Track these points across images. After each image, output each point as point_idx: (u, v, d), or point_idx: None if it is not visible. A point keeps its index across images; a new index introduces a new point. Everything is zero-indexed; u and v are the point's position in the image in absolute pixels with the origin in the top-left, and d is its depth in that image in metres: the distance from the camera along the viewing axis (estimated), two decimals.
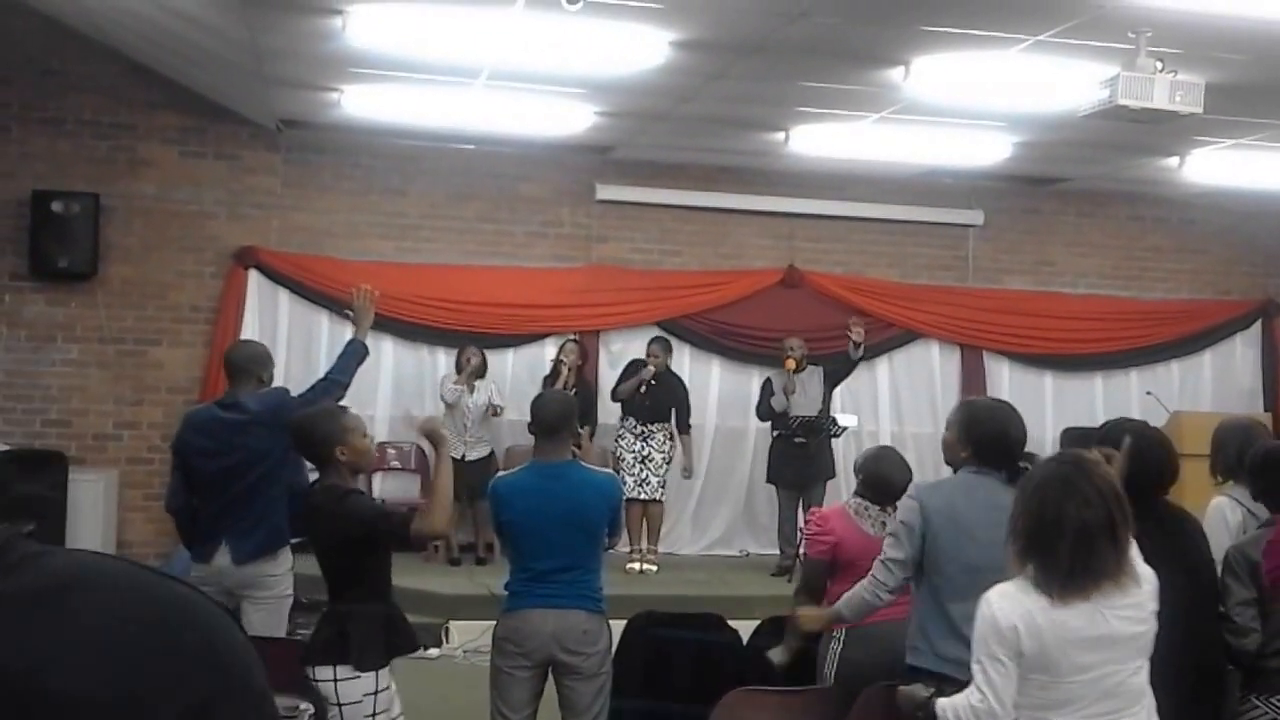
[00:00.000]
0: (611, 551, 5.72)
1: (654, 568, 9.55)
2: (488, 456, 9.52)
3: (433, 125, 9.44)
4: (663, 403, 9.64)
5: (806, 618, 4.52)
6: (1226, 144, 9.12)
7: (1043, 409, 11.23)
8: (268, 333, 9.75)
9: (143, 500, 9.56)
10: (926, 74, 7.41)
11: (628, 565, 9.35)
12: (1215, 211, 11.49)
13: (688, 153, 10.33)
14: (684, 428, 9.80)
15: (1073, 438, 10.26)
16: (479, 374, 9.59)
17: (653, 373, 9.53)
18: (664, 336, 10.19)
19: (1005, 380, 11.36)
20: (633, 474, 9.40)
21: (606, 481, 4.96)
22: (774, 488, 9.76)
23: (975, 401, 4.40)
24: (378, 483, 9.84)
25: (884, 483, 4.90)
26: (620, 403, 9.67)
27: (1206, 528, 4.58)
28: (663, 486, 9.67)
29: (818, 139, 9.35)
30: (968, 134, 9.09)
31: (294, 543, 5.77)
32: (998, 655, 3.07)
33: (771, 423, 9.72)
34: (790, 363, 9.53)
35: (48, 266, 9.48)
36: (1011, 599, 3.09)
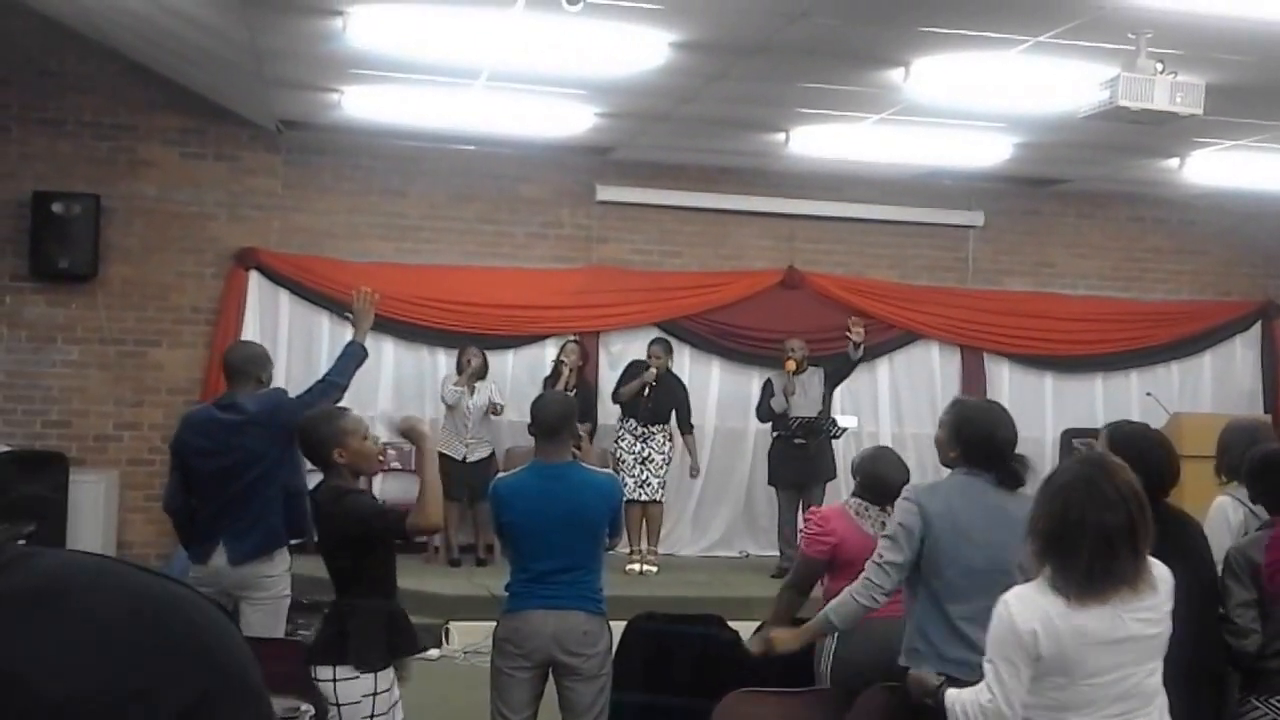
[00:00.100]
0: (611, 552, 5.72)
1: (654, 569, 9.55)
2: (488, 457, 9.51)
3: (433, 126, 9.44)
4: (664, 405, 9.64)
5: (780, 640, 4.37)
6: (1226, 145, 9.12)
7: (1043, 410, 11.26)
8: (268, 334, 9.76)
9: (143, 501, 9.56)
10: (927, 75, 7.41)
11: (628, 566, 9.35)
12: (1215, 213, 11.49)
13: (688, 154, 10.33)
14: (686, 428, 9.81)
15: (1073, 439, 10.29)
16: (479, 375, 9.58)
17: (655, 374, 9.54)
18: (664, 338, 10.20)
19: (1005, 381, 11.36)
20: (633, 475, 9.40)
21: (607, 482, 4.96)
22: (774, 489, 9.76)
23: (965, 401, 4.39)
24: (378, 484, 9.82)
25: (882, 483, 4.90)
26: (621, 404, 9.68)
27: (1208, 527, 4.58)
28: (663, 488, 9.67)
29: (818, 140, 9.35)
30: (968, 135, 9.08)
31: (294, 544, 5.79)
32: (1011, 658, 3.07)
33: (771, 424, 9.72)
34: (790, 364, 9.52)
35: (48, 267, 9.48)
36: (1030, 602, 3.08)
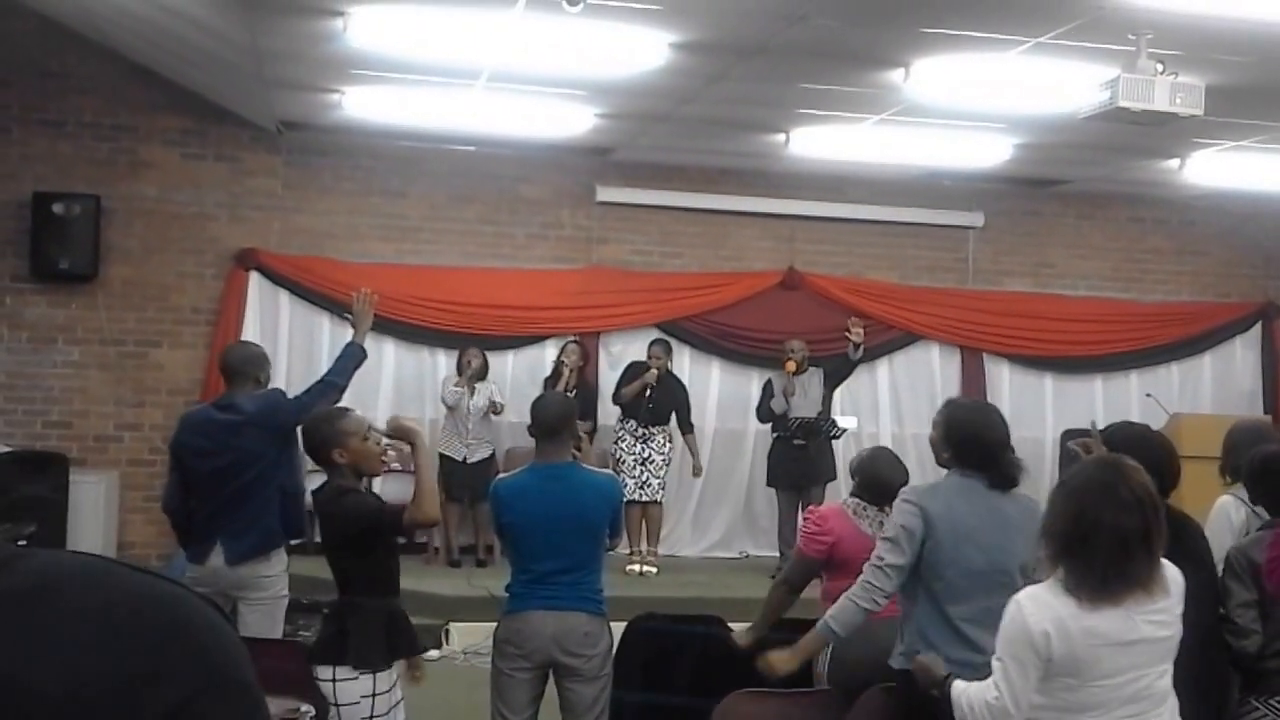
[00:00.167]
0: (611, 553, 5.72)
1: (654, 569, 9.54)
2: (489, 458, 9.51)
3: (433, 127, 9.44)
4: (664, 406, 9.64)
5: (778, 661, 4.20)
6: (1227, 146, 9.12)
7: (1042, 411, 11.27)
8: (269, 334, 9.76)
9: (144, 502, 9.55)
10: (927, 76, 7.41)
11: (627, 567, 9.35)
12: (1215, 214, 11.49)
13: (688, 154, 10.33)
14: (687, 427, 9.81)
15: (1072, 439, 10.27)
16: (480, 376, 9.57)
17: (656, 375, 9.54)
18: (664, 339, 10.20)
19: (1005, 382, 11.36)
20: (633, 476, 9.40)
21: (607, 483, 4.96)
22: (774, 490, 9.75)
23: (957, 402, 4.39)
24: (377, 485, 9.81)
25: (880, 483, 4.92)
26: (622, 406, 9.67)
27: (1210, 527, 4.58)
28: (663, 488, 9.67)
29: (818, 141, 9.35)
30: (968, 136, 9.08)
31: (294, 544, 5.79)
32: (1021, 658, 3.08)
33: (771, 424, 9.72)
34: (790, 364, 9.52)
35: (48, 268, 9.48)
36: (1042, 603, 3.09)
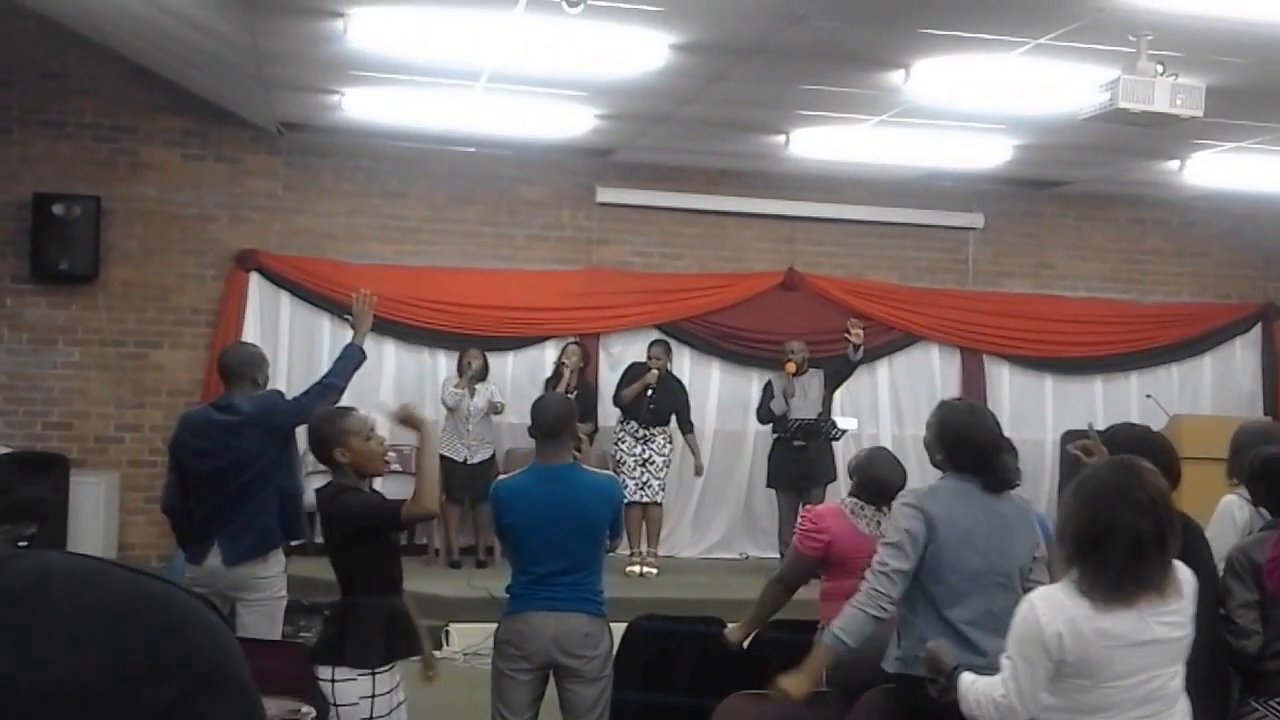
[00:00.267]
0: (611, 554, 5.72)
1: (654, 570, 9.54)
2: (489, 459, 9.51)
3: (433, 128, 9.44)
4: (665, 406, 9.64)
5: (793, 686, 4.02)
6: (1227, 147, 9.12)
7: (1043, 412, 11.27)
8: (269, 335, 9.76)
9: (144, 503, 9.55)
10: (927, 77, 7.41)
11: (628, 568, 9.34)
12: (1215, 215, 11.49)
13: (688, 155, 10.33)
14: (687, 427, 9.81)
15: (1073, 441, 10.26)
16: (480, 377, 9.57)
17: (657, 376, 9.54)
18: (664, 339, 10.20)
19: (1005, 383, 11.36)
20: (633, 477, 9.40)
21: (607, 484, 4.96)
22: (774, 491, 9.74)
23: (950, 404, 4.36)
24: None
25: (878, 483, 4.93)
26: (622, 407, 9.66)
27: (1214, 526, 4.59)
28: (663, 489, 9.67)
29: (818, 142, 9.35)
30: (968, 137, 9.08)
31: (294, 545, 5.79)
32: (1031, 657, 3.09)
33: (771, 426, 9.72)
34: (790, 366, 9.51)
35: (49, 269, 9.49)
36: (1056, 604, 3.09)
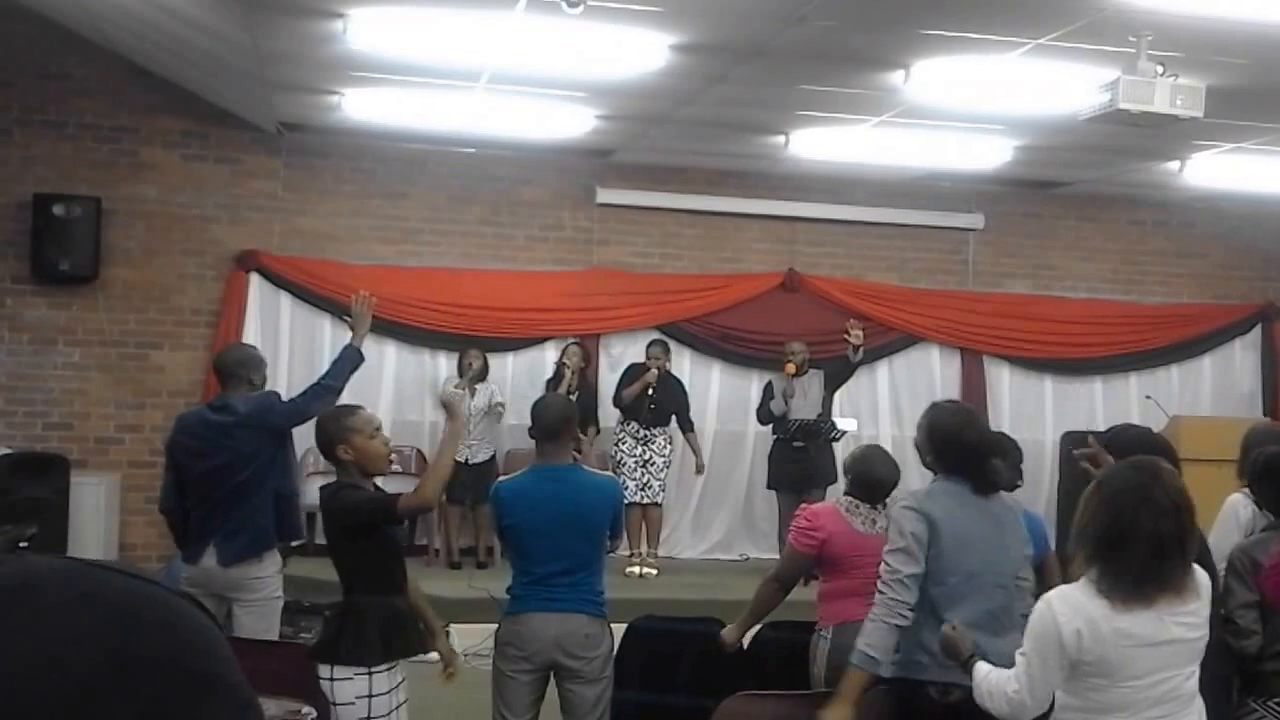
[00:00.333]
0: (611, 555, 5.72)
1: (654, 571, 9.54)
2: (490, 460, 9.51)
3: (433, 128, 9.44)
4: (666, 406, 9.64)
5: (835, 716, 3.91)
6: (1227, 148, 9.13)
7: (1042, 413, 11.28)
8: (269, 336, 9.77)
9: (144, 503, 9.53)
10: (927, 77, 7.41)
11: (627, 569, 9.34)
12: (1215, 216, 11.50)
13: (688, 156, 10.34)
14: (688, 426, 9.81)
15: (1072, 442, 10.27)
16: (480, 377, 9.57)
17: (656, 376, 9.54)
18: (662, 339, 10.19)
19: (1005, 384, 11.37)
20: (634, 478, 9.39)
21: (607, 484, 4.97)
22: (774, 492, 9.73)
23: (940, 406, 4.36)
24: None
25: (872, 480, 4.94)
26: (623, 408, 9.65)
27: (1218, 524, 4.59)
28: (663, 490, 9.67)
29: (818, 142, 9.35)
30: (968, 138, 9.09)
31: (294, 545, 5.79)
32: (1046, 655, 3.11)
33: (771, 426, 9.71)
34: (790, 366, 9.51)
35: (49, 270, 9.48)
36: (1074, 604, 3.11)
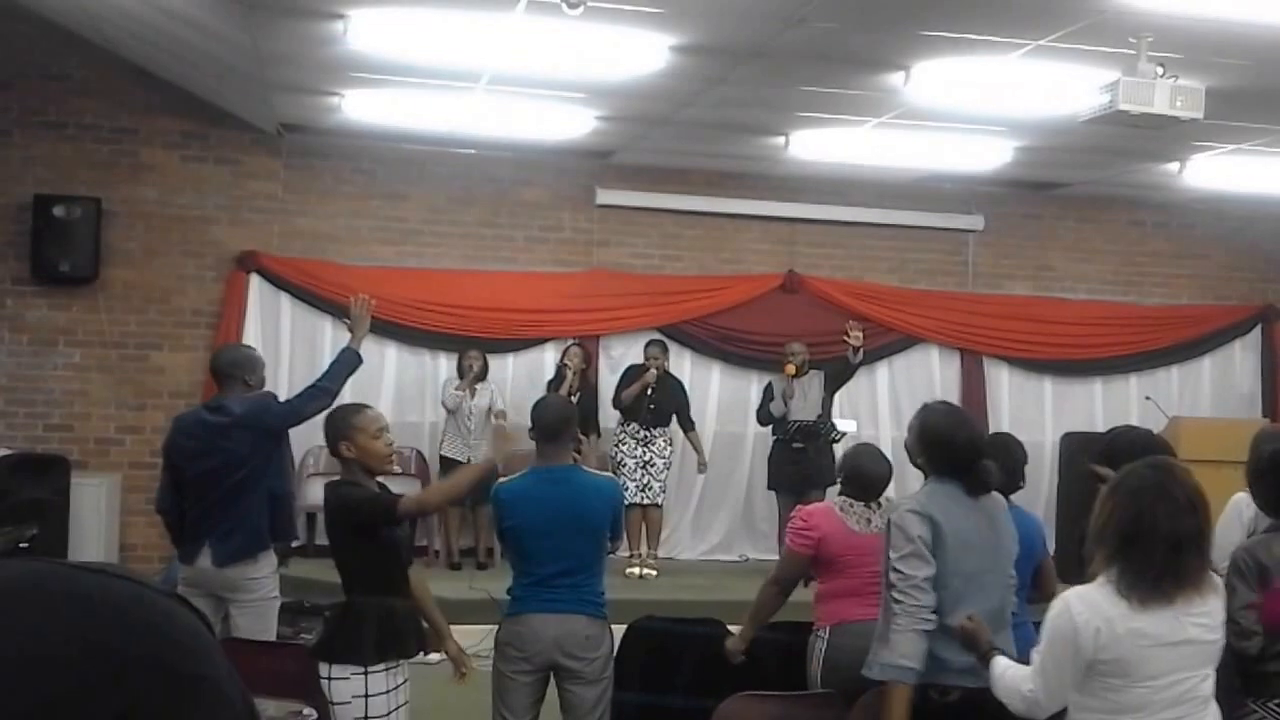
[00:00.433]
0: (611, 556, 5.72)
1: (653, 572, 9.53)
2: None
3: (433, 130, 9.45)
4: (666, 406, 9.64)
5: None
6: (1227, 149, 9.13)
7: (1042, 414, 11.29)
8: (270, 337, 9.78)
9: (145, 504, 9.49)
10: (926, 79, 7.41)
11: (627, 570, 9.34)
12: (1215, 217, 11.50)
13: (688, 157, 10.34)
14: (688, 425, 9.81)
15: (1073, 443, 10.28)
16: (480, 378, 9.58)
17: (656, 376, 9.54)
18: (660, 339, 10.17)
19: (1005, 385, 11.37)
20: (634, 479, 9.39)
21: (608, 485, 4.98)
22: (774, 493, 9.73)
23: (931, 407, 4.35)
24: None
25: (863, 476, 4.94)
26: (623, 410, 9.64)
27: (1221, 523, 4.59)
28: (663, 491, 9.67)
29: (818, 144, 9.35)
30: (968, 139, 9.09)
31: (295, 547, 5.79)
32: (1062, 654, 3.12)
33: (771, 428, 9.71)
34: (790, 368, 9.50)
35: (49, 271, 9.48)
36: (1092, 603, 3.12)
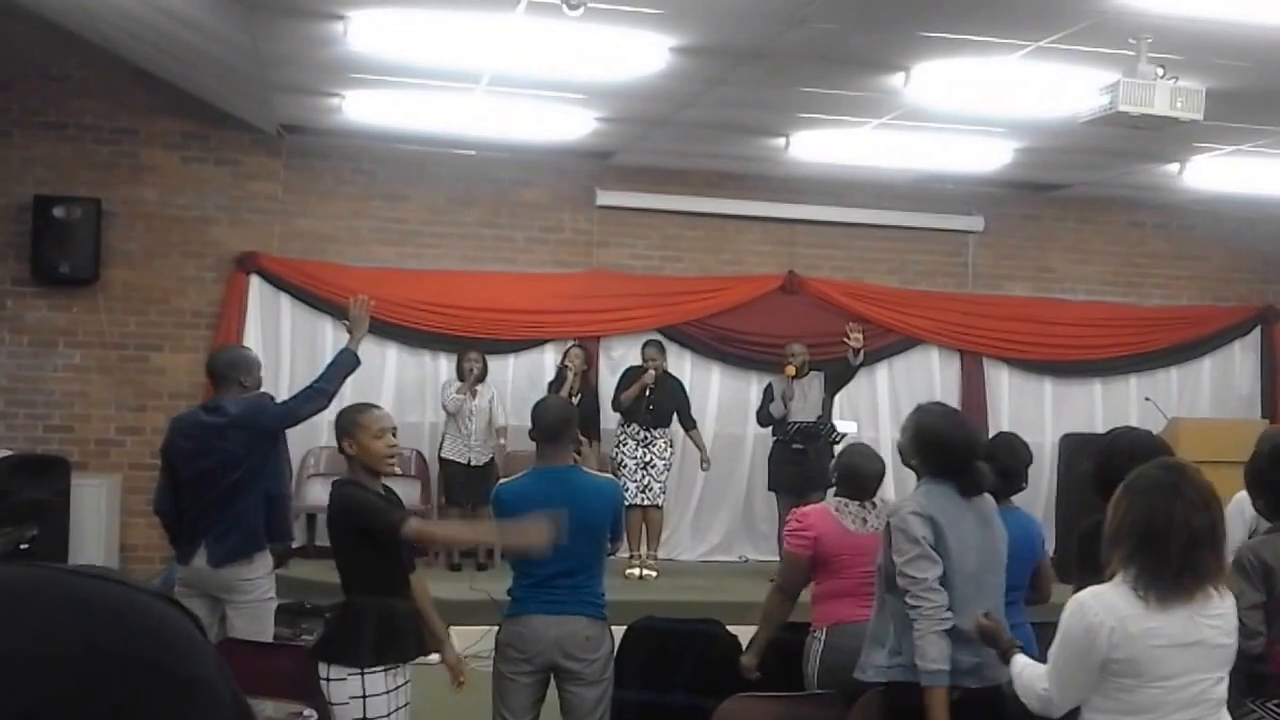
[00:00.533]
0: (611, 557, 5.72)
1: (653, 573, 9.53)
2: (490, 462, 9.51)
3: (434, 130, 9.45)
4: (665, 406, 9.63)
5: None
6: (1226, 150, 9.13)
7: (1042, 415, 11.29)
8: (270, 338, 9.78)
9: (145, 505, 9.43)
10: (927, 80, 7.41)
11: (627, 570, 9.33)
12: (1215, 218, 11.50)
13: (688, 158, 10.34)
14: (689, 423, 9.81)
15: (1072, 444, 10.29)
16: (481, 380, 9.58)
17: (654, 377, 9.54)
18: (657, 339, 10.15)
19: (1005, 386, 11.37)
20: (635, 480, 9.39)
21: (608, 486, 4.99)
22: (774, 494, 9.71)
23: (926, 408, 4.35)
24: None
25: (857, 475, 4.95)
26: (622, 411, 9.63)
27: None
28: (663, 493, 9.67)
29: (818, 145, 9.35)
30: (968, 140, 9.09)
31: (295, 548, 5.80)
32: (1076, 655, 3.15)
33: (771, 429, 9.71)
34: (790, 369, 9.50)
35: (49, 272, 9.49)
36: (1107, 602, 3.14)
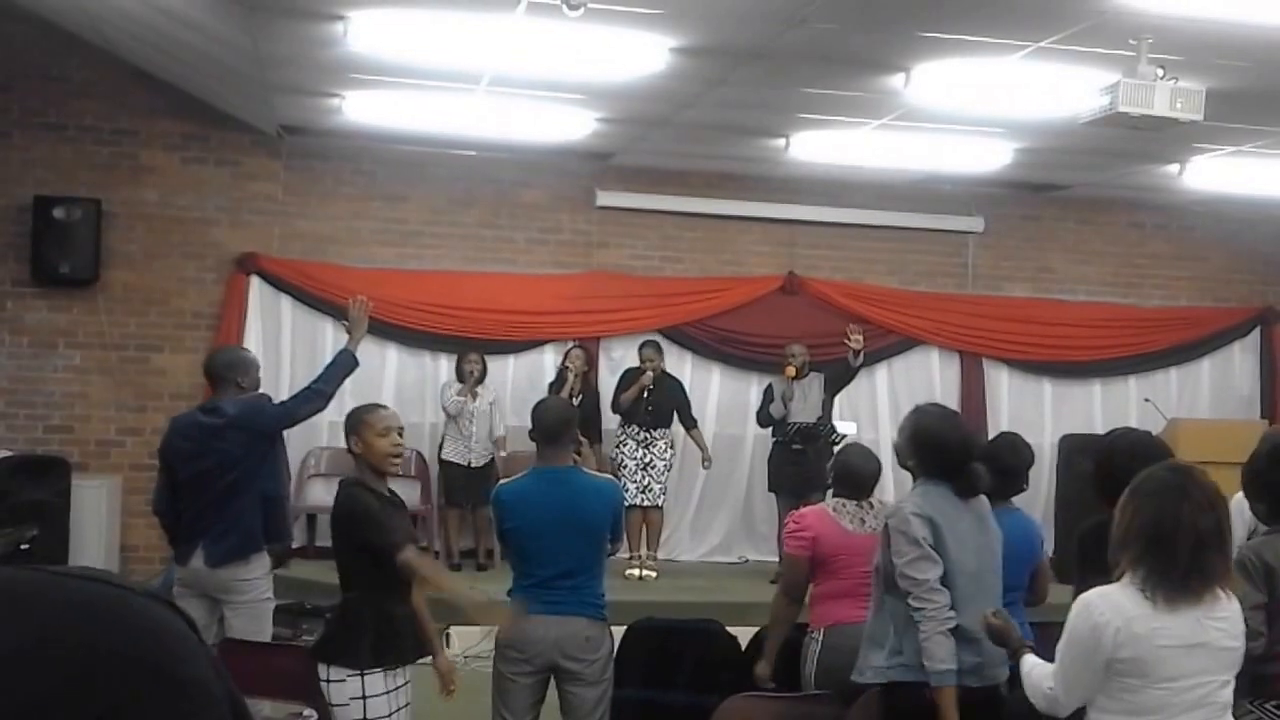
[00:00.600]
0: (611, 558, 5.72)
1: (653, 574, 9.54)
2: (490, 463, 9.51)
3: (434, 131, 9.45)
4: (665, 406, 9.63)
5: None
6: (1226, 151, 9.13)
7: (1041, 416, 11.28)
8: (270, 339, 9.78)
9: (145, 506, 9.41)
10: (927, 80, 7.41)
11: (627, 571, 9.33)
12: (1215, 219, 11.51)
13: (688, 159, 10.34)
14: (690, 423, 9.81)
15: (1071, 444, 10.29)
16: (480, 381, 9.58)
17: (652, 378, 9.53)
18: (654, 340, 10.12)
19: (1004, 387, 11.38)
20: (635, 481, 9.39)
21: (608, 486, 4.98)
22: (773, 495, 9.71)
23: (923, 410, 4.36)
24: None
25: (853, 475, 4.95)
26: (622, 413, 9.63)
27: None
28: (663, 493, 9.67)
29: (818, 145, 9.35)
30: (968, 140, 9.09)
31: (296, 548, 5.80)
32: (1081, 655, 3.16)
33: (771, 429, 9.71)
34: (790, 369, 9.50)
35: (49, 273, 9.49)
36: (1114, 603, 3.15)
